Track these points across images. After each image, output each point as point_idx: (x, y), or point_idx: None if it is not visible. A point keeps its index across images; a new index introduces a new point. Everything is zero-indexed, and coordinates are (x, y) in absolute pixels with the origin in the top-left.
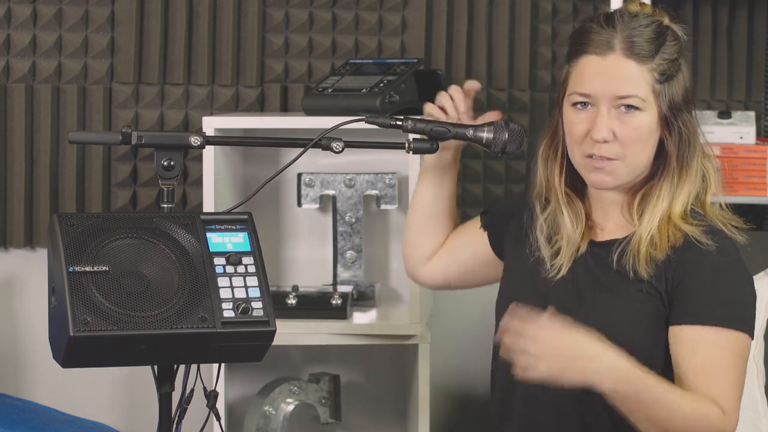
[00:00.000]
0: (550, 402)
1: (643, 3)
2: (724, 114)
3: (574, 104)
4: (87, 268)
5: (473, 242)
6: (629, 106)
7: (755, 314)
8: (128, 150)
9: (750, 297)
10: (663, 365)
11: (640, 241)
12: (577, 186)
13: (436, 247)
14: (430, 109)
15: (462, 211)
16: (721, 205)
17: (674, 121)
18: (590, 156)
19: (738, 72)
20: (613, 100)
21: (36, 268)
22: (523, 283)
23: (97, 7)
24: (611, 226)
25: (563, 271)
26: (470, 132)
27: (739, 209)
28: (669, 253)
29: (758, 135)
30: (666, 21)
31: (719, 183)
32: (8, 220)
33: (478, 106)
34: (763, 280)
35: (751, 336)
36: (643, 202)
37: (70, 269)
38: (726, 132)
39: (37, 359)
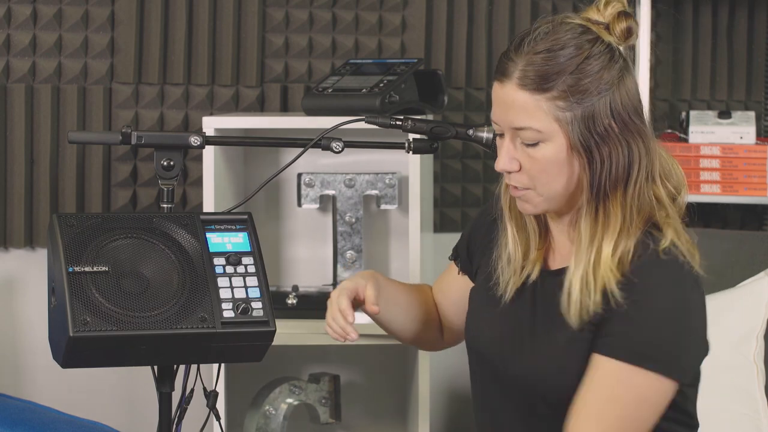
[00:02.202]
0: None
1: (593, 10)
2: (724, 114)
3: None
4: (87, 269)
5: (462, 291)
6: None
7: (693, 360)
8: (128, 150)
9: (688, 340)
10: None
11: (570, 287)
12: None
13: (437, 328)
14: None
15: (462, 211)
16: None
17: (594, 150)
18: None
19: (738, 72)
20: (512, 131)
21: (36, 268)
22: (481, 305)
23: (97, 7)
24: (564, 250)
25: (507, 298)
26: (470, 132)
27: (739, 209)
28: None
29: (758, 135)
30: (602, 34)
31: (676, 209)
32: (8, 220)
33: (478, 106)
34: (763, 280)
35: (680, 380)
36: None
37: (70, 269)
38: (726, 132)
39: (37, 359)
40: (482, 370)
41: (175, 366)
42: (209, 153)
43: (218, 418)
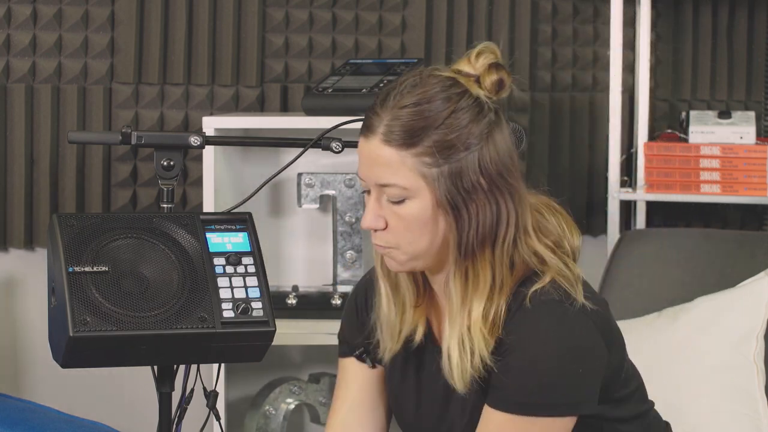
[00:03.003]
0: None
1: (466, 62)
2: (724, 114)
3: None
4: (87, 269)
5: (380, 384)
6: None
7: (592, 390)
8: (128, 150)
9: (583, 375)
10: None
11: (449, 352)
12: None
13: None
14: None
15: None
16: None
17: (462, 206)
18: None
19: (738, 72)
20: (377, 188)
21: (36, 268)
22: (393, 370)
23: (97, 7)
24: (445, 309)
25: (386, 363)
26: None
27: (739, 209)
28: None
29: (758, 135)
30: (471, 87)
31: (572, 236)
32: (8, 220)
33: None
34: (763, 280)
35: (577, 414)
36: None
37: (70, 269)
38: (726, 132)
39: (37, 359)
40: None
41: (175, 366)
42: (209, 153)
43: (218, 418)
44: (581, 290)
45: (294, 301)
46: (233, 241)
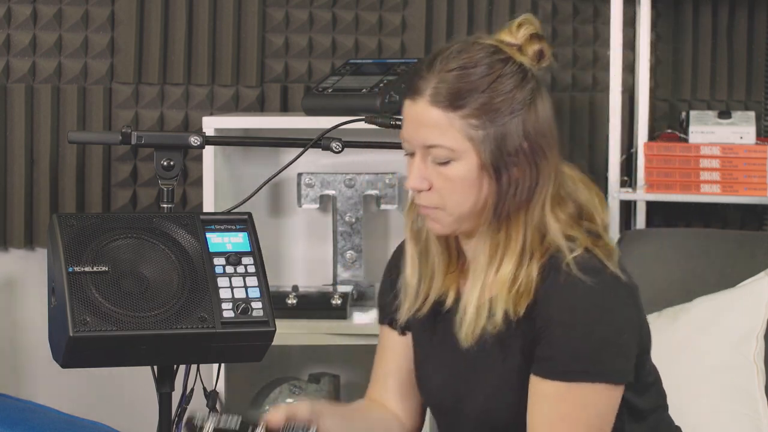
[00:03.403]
0: None
1: (514, 29)
2: (724, 114)
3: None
4: (87, 269)
5: (409, 352)
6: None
7: (631, 358)
8: (128, 150)
9: (621, 342)
10: None
11: (465, 306)
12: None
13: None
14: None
15: None
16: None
17: (503, 170)
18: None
19: (738, 72)
20: (423, 149)
21: (36, 268)
22: (431, 338)
23: (97, 7)
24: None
25: (400, 326)
26: None
27: (739, 209)
28: (520, 313)
29: (758, 135)
30: (514, 55)
31: (603, 213)
32: (8, 220)
33: None
34: (763, 280)
35: (621, 382)
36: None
37: (70, 269)
38: (726, 132)
39: (37, 359)
40: (439, 415)
41: (174, 366)
42: (209, 153)
43: None
44: (617, 262)
45: (294, 301)
46: (233, 241)
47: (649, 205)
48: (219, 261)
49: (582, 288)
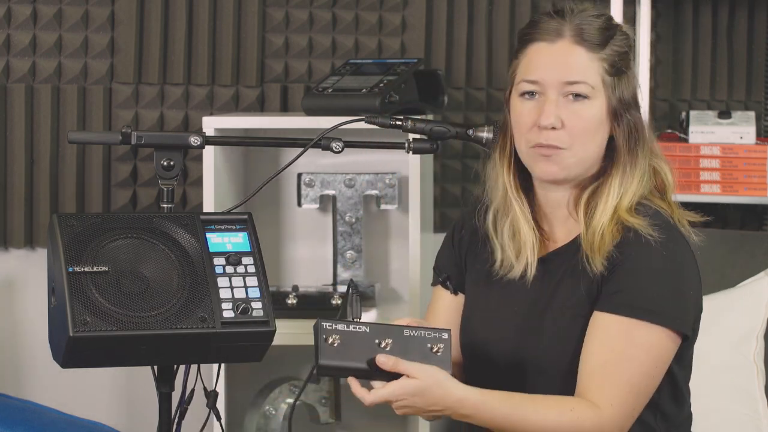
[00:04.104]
0: None
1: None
2: (724, 114)
3: (522, 94)
4: (86, 269)
5: (460, 310)
6: (578, 95)
7: (692, 313)
8: (128, 150)
9: (686, 294)
10: None
11: (593, 236)
12: (526, 192)
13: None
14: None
15: (462, 211)
16: (677, 203)
17: (624, 115)
18: (537, 146)
19: (738, 72)
20: (561, 87)
21: (36, 268)
22: (487, 295)
23: (97, 7)
24: (558, 233)
25: (530, 275)
26: (470, 132)
27: (739, 209)
28: (612, 248)
29: (758, 135)
30: (613, 20)
31: (673, 183)
32: (8, 220)
33: (479, 106)
34: (763, 280)
35: (681, 333)
36: (591, 200)
37: (70, 269)
38: (726, 132)
39: (37, 359)
40: (485, 366)
41: (175, 366)
42: (209, 153)
43: (218, 418)
44: (688, 227)
45: (294, 301)
46: (233, 241)
47: None
48: (219, 261)
49: (656, 239)
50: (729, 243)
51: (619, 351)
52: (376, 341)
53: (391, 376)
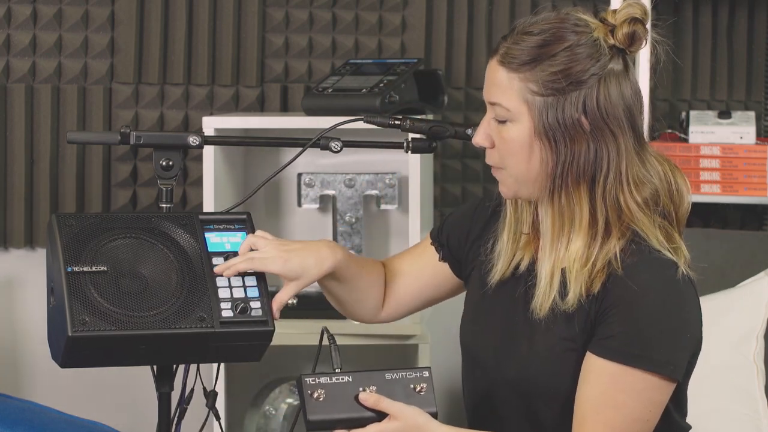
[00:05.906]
0: None
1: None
2: (724, 114)
3: None
4: (85, 268)
5: (434, 277)
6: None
7: (687, 357)
8: (128, 150)
9: (682, 336)
10: None
11: (540, 279)
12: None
13: (378, 304)
14: None
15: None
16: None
17: (558, 140)
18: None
19: (738, 72)
20: (489, 107)
21: (36, 268)
22: (477, 305)
23: (97, 7)
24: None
25: (491, 284)
26: (469, 132)
27: (739, 209)
28: (594, 291)
29: (758, 135)
30: (597, 32)
31: (685, 211)
32: (8, 220)
33: (479, 106)
34: (763, 280)
35: (676, 378)
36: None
37: (69, 269)
38: (726, 132)
39: (37, 359)
40: (478, 374)
41: (174, 366)
42: (209, 153)
43: (218, 418)
44: (686, 260)
45: (294, 301)
46: (232, 240)
47: None
48: (218, 261)
49: (659, 277)
50: (729, 243)
51: (611, 396)
52: (360, 389)
53: (380, 419)
